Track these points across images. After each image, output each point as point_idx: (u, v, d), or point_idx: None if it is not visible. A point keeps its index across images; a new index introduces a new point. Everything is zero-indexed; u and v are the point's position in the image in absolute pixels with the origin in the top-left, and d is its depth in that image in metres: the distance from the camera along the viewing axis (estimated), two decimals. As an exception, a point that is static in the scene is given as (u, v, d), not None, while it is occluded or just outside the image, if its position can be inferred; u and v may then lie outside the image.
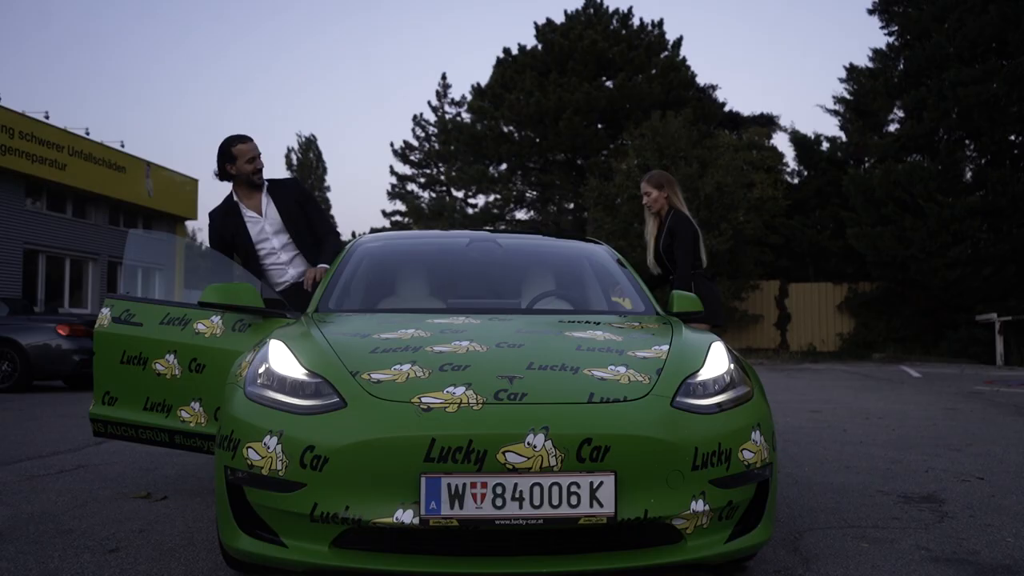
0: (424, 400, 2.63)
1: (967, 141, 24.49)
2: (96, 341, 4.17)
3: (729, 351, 3.25)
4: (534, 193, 35.50)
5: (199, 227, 65.00)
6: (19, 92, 78.41)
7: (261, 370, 2.95)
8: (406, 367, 2.84)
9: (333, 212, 54.14)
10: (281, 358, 2.97)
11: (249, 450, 2.68)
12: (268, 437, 2.66)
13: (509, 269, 4.58)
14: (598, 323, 3.55)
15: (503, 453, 2.48)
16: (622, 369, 2.90)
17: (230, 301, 3.80)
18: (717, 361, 3.08)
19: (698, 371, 2.96)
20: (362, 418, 2.61)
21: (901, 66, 25.29)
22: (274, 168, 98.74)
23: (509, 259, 4.60)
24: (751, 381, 3.14)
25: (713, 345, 3.22)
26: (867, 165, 26.83)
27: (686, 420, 2.72)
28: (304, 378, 2.83)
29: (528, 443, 2.50)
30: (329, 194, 54.23)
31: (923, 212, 22.88)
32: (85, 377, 13.15)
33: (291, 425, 2.66)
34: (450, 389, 2.68)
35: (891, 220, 23.45)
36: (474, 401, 2.62)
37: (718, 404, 2.84)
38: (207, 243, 5.11)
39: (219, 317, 4.09)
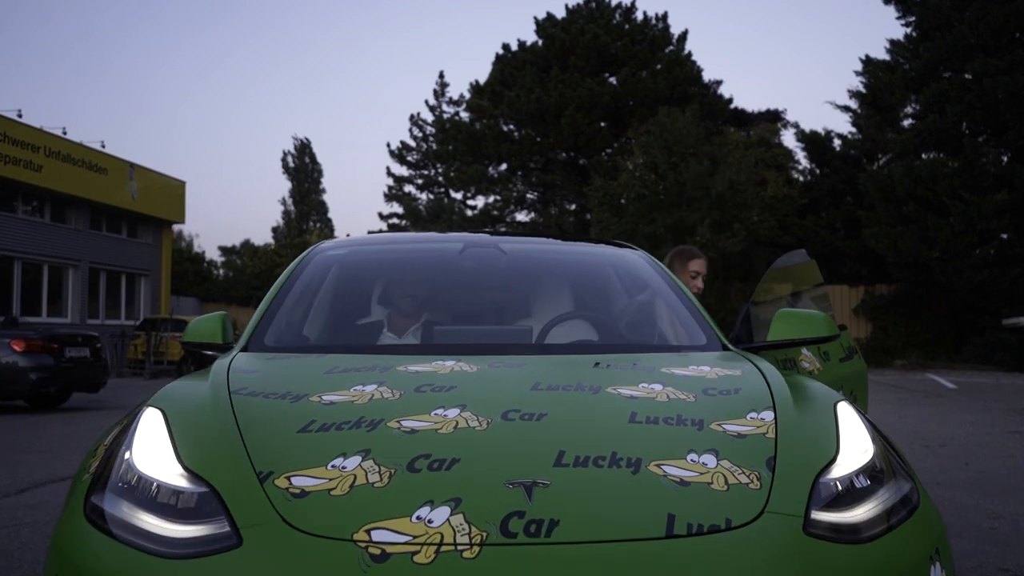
0: (378, 536, 1.48)
1: (987, 136, 23.31)
2: None
3: (860, 414, 2.11)
4: (535, 194, 34.35)
5: (194, 233, 63.89)
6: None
7: (120, 462, 1.81)
8: (353, 463, 1.70)
9: (330, 216, 53.15)
10: (151, 443, 1.83)
11: (78, 617, 1.54)
12: None
13: (517, 283, 3.41)
14: (651, 369, 2.39)
15: None
16: (710, 461, 1.75)
17: (191, 337, 2.78)
18: (854, 437, 1.94)
19: (833, 459, 1.81)
20: (266, 570, 1.46)
21: (919, 58, 24.09)
22: (270, 172, 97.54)
23: (516, 270, 3.43)
24: (907, 466, 2.00)
25: (839, 408, 2.07)
26: (882, 162, 25.66)
27: (833, 559, 1.58)
28: (180, 484, 1.69)
29: None
30: (325, 197, 53.21)
31: (947, 211, 21.70)
32: (44, 397, 12.05)
33: None
34: (424, 512, 1.53)
35: (912, 219, 22.29)
36: (467, 541, 1.47)
37: (874, 521, 1.70)
38: (199, 247, 4.04)
39: None
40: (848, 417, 2.03)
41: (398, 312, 3.11)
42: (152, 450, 1.80)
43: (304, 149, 53.26)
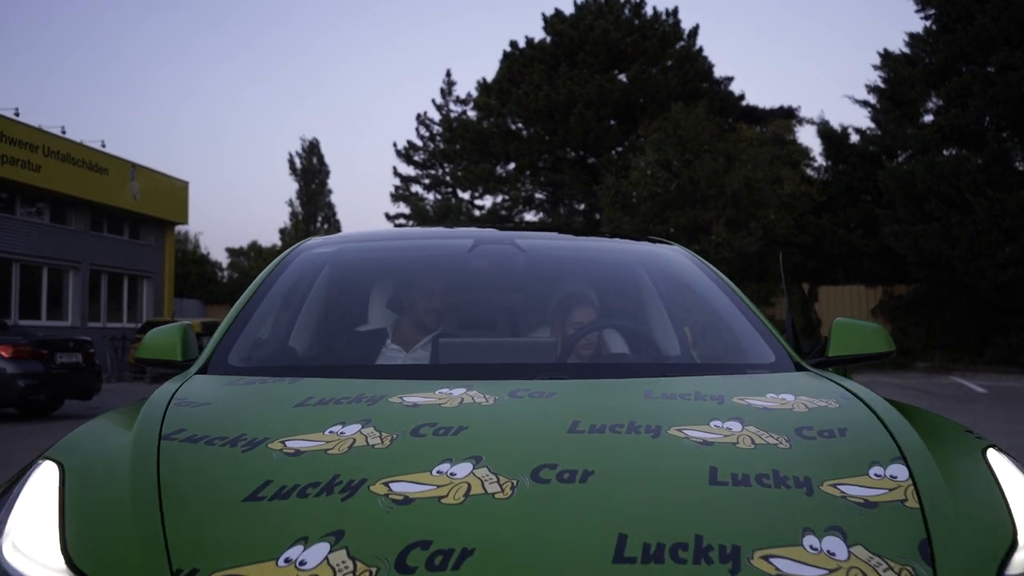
0: None
1: (1012, 130, 22.64)
2: None
3: (1017, 464, 1.55)
4: (544, 193, 33.82)
5: (199, 232, 63.47)
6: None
7: None
8: (315, 556, 1.16)
9: (338, 217, 52.67)
10: (34, 518, 1.29)
11: None
12: None
13: (538, 286, 2.87)
14: (720, 399, 1.82)
15: None
16: (838, 548, 1.21)
17: (145, 353, 2.27)
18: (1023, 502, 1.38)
19: (1015, 542, 1.27)
20: None
21: (940, 52, 23.45)
22: (277, 173, 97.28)
23: (536, 271, 2.88)
24: None
25: (991, 457, 1.52)
26: (902, 158, 25.02)
27: None
28: None
29: None
30: (332, 198, 52.73)
31: (970, 208, 21.05)
32: (35, 404, 11.56)
33: None
34: None
35: (934, 217, 21.66)
36: None
37: None
38: (205, 248, 3.43)
39: None
40: (1007, 471, 1.47)
41: (412, 325, 2.57)
42: (34, 530, 1.26)
43: (312, 149, 52.83)
